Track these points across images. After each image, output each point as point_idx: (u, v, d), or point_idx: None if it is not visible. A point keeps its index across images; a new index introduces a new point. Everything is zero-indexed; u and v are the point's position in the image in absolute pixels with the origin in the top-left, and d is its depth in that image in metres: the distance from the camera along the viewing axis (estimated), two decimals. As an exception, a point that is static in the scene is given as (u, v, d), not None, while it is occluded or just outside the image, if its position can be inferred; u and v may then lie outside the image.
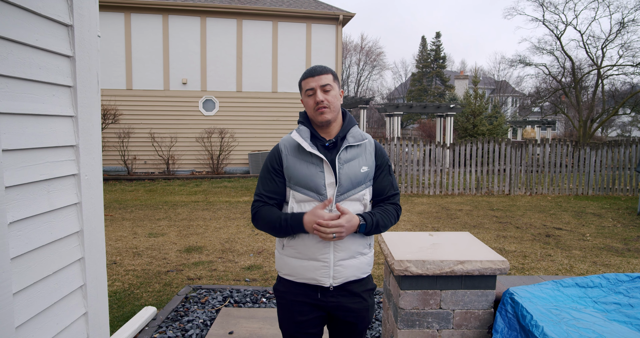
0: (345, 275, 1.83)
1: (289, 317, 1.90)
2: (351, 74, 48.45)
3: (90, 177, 1.79)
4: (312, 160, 1.80)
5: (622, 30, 21.41)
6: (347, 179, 1.79)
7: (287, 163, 1.82)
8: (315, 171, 1.78)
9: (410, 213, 8.49)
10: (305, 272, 1.82)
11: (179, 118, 14.49)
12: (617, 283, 2.15)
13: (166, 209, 8.64)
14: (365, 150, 1.86)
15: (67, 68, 1.65)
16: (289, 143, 1.85)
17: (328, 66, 15.38)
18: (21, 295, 1.40)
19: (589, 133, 21.47)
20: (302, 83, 1.82)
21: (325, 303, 1.85)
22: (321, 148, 1.82)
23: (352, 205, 1.81)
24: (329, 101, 1.77)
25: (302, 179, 1.79)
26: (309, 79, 1.79)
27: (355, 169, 1.81)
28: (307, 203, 1.79)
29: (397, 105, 17.09)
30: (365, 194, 1.84)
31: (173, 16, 14.28)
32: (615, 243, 6.43)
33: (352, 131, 1.86)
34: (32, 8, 1.43)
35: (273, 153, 1.87)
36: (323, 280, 1.81)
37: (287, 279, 1.90)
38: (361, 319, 1.91)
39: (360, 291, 1.89)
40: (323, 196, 1.78)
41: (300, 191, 1.80)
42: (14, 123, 1.37)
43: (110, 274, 4.73)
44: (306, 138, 1.81)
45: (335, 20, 15.12)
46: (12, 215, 1.35)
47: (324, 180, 1.78)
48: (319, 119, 1.79)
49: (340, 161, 1.79)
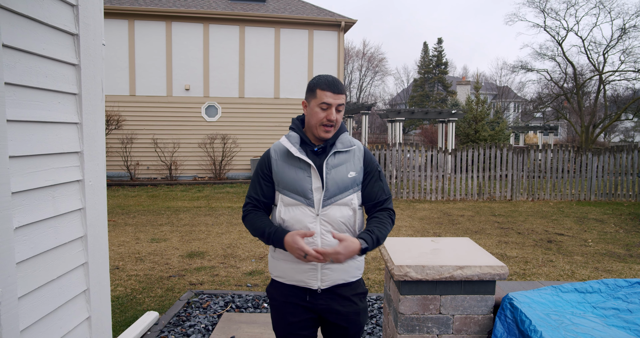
0: (333, 278, 1.85)
1: (281, 318, 1.93)
2: (353, 79, 48.63)
3: (95, 183, 1.82)
4: (300, 165, 1.84)
5: (624, 36, 21.49)
6: (333, 184, 1.82)
7: (277, 167, 1.86)
8: (302, 175, 1.82)
9: (411, 219, 8.49)
10: (294, 274, 1.86)
11: (182, 124, 14.56)
12: (616, 288, 2.16)
13: (168, 214, 8.67)
14: (354, 156, 1.89)
15: (72, 76, 1.68)
16: (278, 149, 1.90)
17: (330, 73, 15.53)
18: (26, 299, 1.43)
19: (592, 139, 21.45)
20: (319, 92, 1.79)
21: (315, 305, 1.88)
22: (310, 153, 1.86)
23: (340, 210, 1.83)
24: (337, 121, 1.82)
25: (290, 184, 1.83)
26: (329, 93, 1.78)
27: (343, 175, 1.84)
28: (295, 207, 1.83)
29: (399, 111, 17.11)
30: (354, 199, 1.86)
31: (176, 23, 14.40)
32: (617, 249, 6.42)
33: (342, 137, 1.89)
34: (39, 18, 1.46)
35: (263, 159, 1.92)
36: (311, 283, 1.85)
37: (278, 281, 1.94)
38: (352, 323, 1.92)
39: (350, 295, 1.91)
40: (310, 200, 1.81)
41: (288, 195, 1.83)
42: (20, 130, 1.40)
43: (112, 279, 4.75)
44: (295, 144, 1.85)
45: (337, 26, 15.21)
46: (18, 220, 1.38)
47: (311, 185, 1.81)
48: (322, 135, 1.83)
49: (327, 167, 1.83)
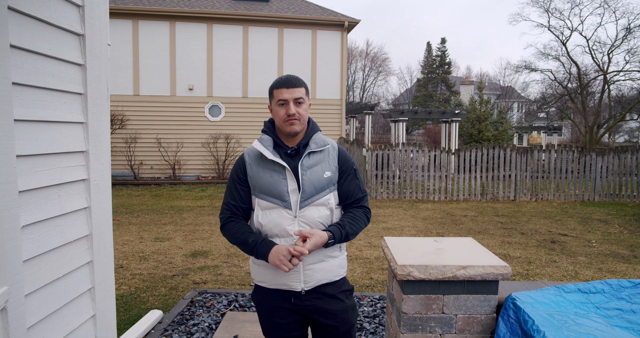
0: (316, 278, 1.85)
1: (269, 322, 1.92)
2: (356, 79, 48.58)
3: (100, 182, 1.84)
4: (275, 168, 1.82)
5: (629, 36, 21.36)
6: (310, 185, 1.81)
7: (251, 171, 1.85)
8: (278, 178, 1.81)
9: (415, 219, 8.49)
10: (276, 278, 1.85)
11: (185, 124, 14.60)
12: (620, 289, 2.16)
13: (172, 214, 8.70)
14: (328, 155, 1.89)
15: (78, 76, 1.70)
16: (252, 153, 1.88)
17: (334, 72, 15.46)
18: (33, 296, 1.44)
19: (596, 139, 21.36)
20: (275, 92, 1.82)
21: (301, 307, 1.87)
22: (284, 155, 1.85)
23: (317, 210, 1.83)
24: (300, 114, 1.81)
25: (265, 187, 1.82)
26: (282, 89, 1.79)
27: (319, 175, 1.83)
28: (272, 210, 1.82)
29: (402, 111, 17.10)
30: (330, 199, 1.86)
31: (180, 23, 14.44)
32: (621, 250, 6.40)
33: (315, 137, 1.88)
34: (46, 18, 1.48)
35: (238, 163, 1.90)
36: (294, 285, 1.84)
37: (261, 286, 1.93)
38: (342, 321, 1.91)
39: (336, 293, 1.91)
40: (287, 202, 1.80)
41: (264, 199, 1.82)
42: (27, 130, 1.42)
43: (117, 278, 4.77)
44: (268, 147, 1.84)
45: (340, 26, 15.21)
46: (25, 218, 1.39)
47: (287, 187, 1.81)
48: (287, 129, 1.82)
49: (302, 168, 1.82)
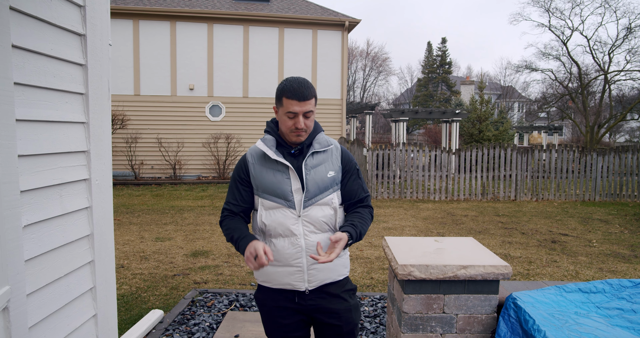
0: (320, 278, 1.85)
1: (272, 322, 1.92)
2: (357, 79, 48.60)
3: (101, 182, 1.84)
4: (278, 168, 1.82)
5: (629, 36, 21.37)
6: (314, 185, 1.81)
7: (254, 172, 1.85)
8: (281, 178, 1.81)
9: (415, 219, 8.49)
10: (280, 278, 1.84)
11: (186, 123, 14.61)
12: (620, 288, 2.16)
13: (173, 213, 8.71)
14: (332, 155, 1.89)
15: (79, 76, 1.70)
16: (255, 153, 1.87)
17: (334, 72, 15.42)
18: (34, 296, 1.45)
19: (596, 139, 21.35)
20: (285, 101, 1.74)
21: (304, 306, 1.87)
22: (287, 155, 1.84)
23: (321, 210, 1.83)
24: (307, 126, 1.79)
25: (269, 187, 1.82)
26: (293, 101, 1.72)
27: (322, 175, 1.83)
28: (276, 210, 1.82)
29: (402, 111, 17.09)
30: (334, 199, 1.86)
31: (180, 23, 14.44)
32: (622, 250, 6.40)
33: (318, 137, 1.88)
34: (47, 19, 1.48)
35: (240, 164, 1.89)
36: (298, 285, 1.84)
37: (264, 286, 1.92)
38: (345, 321, 1.90)
39: (340, 292, 1.90)
40: (291, 202, 1.80)
41: (268, 199, 1.82)
42: (29, 129, 1.42)
43: (118, 277, 4.78)
44: (271, 147, 1.83)
45: (341, 26, 15.21)
46: (27, 218, 1.40)
47: (291, 187, 1.80)
48: (293, 140, 1.81)
49: (306, 167, 1.82)
